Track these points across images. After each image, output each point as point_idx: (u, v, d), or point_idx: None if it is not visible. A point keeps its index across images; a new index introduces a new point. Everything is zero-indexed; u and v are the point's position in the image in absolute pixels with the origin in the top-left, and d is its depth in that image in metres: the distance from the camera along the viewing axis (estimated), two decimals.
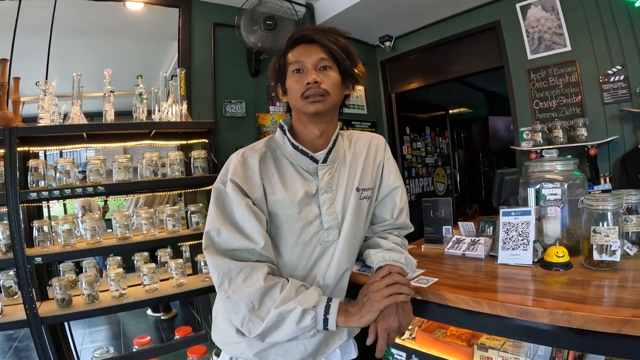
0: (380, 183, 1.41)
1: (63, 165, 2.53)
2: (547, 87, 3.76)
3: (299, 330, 1.08)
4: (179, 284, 2.75)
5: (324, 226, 1.25)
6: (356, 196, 1.31)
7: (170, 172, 2.83)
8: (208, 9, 3.78)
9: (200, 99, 3.63)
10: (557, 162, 1.66)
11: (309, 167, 1.27)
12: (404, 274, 1.24)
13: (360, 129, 4.90)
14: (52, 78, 2.66)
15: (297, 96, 1.21)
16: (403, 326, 1.17)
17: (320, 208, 1.25)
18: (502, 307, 1.11)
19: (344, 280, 1.31)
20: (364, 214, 1.35)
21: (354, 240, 1.32)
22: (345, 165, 1.34)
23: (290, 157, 1.28)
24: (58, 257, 2.56)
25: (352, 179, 1.32)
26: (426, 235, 1.92)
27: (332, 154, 1.29)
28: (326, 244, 1.26)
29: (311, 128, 1.27)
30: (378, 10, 4.14)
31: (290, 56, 1.24)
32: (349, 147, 1.38)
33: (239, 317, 1.11)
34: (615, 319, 0.94)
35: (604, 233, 1.33)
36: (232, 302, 1.11)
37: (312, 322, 1.09)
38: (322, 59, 1.21)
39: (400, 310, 1.16)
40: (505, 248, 1.51)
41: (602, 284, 1.24)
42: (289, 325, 1.08)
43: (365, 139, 1.43)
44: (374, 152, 1.40)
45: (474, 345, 1.44)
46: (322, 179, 1.27)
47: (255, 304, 1.09)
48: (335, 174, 1.31)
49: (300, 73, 1.22)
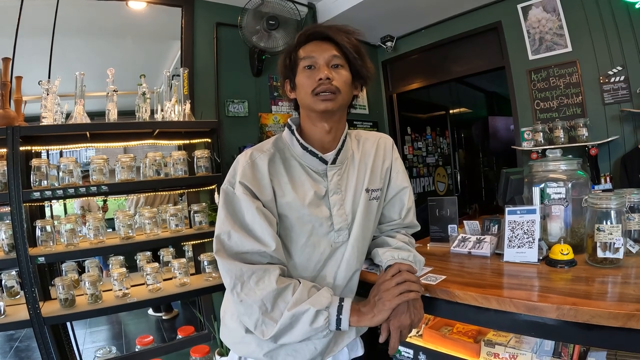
0: (388, 183, 1.41)
1: (66, 165, 2.53)
2: (548, 87, 3.78)
3: (312, 331, 1.09)
4: (182, 284, 2.76)
5: (335, 227, 1.24)
6: (366, 197, 1.30)
7: (173, 171, 2.84)
8: (211, 9, 3.79)
9: (203, 98, 3.64)
10: (561, 161, 1.67)
11: (318, 168, 1.26)
12: (413, 271, 1.24)
13: (362, 128, 4.91)
14: (55, 77, 2.67)
15: (307, 92, 1.20)
16: (415, 323, 1.17)
17: (331, 210, 1.24)
18: (511, 303, 1.12)
19: (354, 280, 1.31)
20: (373, 214, 1.34)
21: (364, 241, 1.32)
22: (354, 166, 1.33)
23: (299, 157, 1.26)
24: (61, 256, 2.56)
25: (361, 179, 1.32)
26: (432, 234, 1.93)
27: (341, 155, 1.29)
28: (336, 244, 1.25)
29: (320, 126, 1.25)
30: (380, 11, 4.15)
31: (302, 52, 1.23)
32: (357, 148, 1.37)
33: (252, 320, 1.11)
34: (620, 314, 0.96)
35: (608, 231, 1.34)
36: (245, 305, 1.10)
37: (325, 322, 1.09)
38: (335, 57, 1.20)
39: (411, 307, 1.16)
40: (511, 246, 1.52)
41: (606, 280, 1.25)
42: (303, 326, 1.08)
43: (373, 139, 1.42)
44: (382, 153, 1.40)
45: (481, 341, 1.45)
46: (331, 180, 1.26)
47: (268, 306, 1.09)
48: (344, 175, 1.30)
49: (312, 69, 1.20)
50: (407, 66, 5.21)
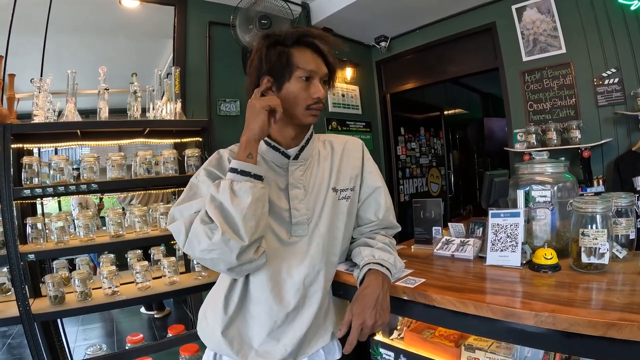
0: (361, 183, 1.43)
1: (57, 163, 2.53)
2: (541, 89, 3.78)
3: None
4: (171, 282, 2.76)
5: (292, 220, 1.28)
6: (333, 196, 1.34)
7: (164, 170, 2.83)
8: (203, 8, 3.79)
9: (195, 97, 3.65)
10: (548, 164, 1.66)
11: (281, 162, 1.31)
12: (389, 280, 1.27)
13: (355, 128, 4.94)
14: (47, 75, 2.67)
15: (300, 104, 1.23)
16: (377, 326, 1.17)
17: (290, 202, 1.28)
18: (488, 308, 1.12)
19: (319, 280, 1.30)
20: (343, 214, 1.37)
21: (332, 240, 1.34)
22: (318, 164, 1.37)
23: (263, 153, 1.30)
24: (51, 254, 2.57)
25: (326, 177, 1.36)
26: (416, 235, 1.93)
27: (304, 152, 1.33)
28: (294, 238, 1.28)
29: (289, 131, 1.30)
30: (374, 11, 4.15)
31: (300, 60, 1.22)
32: (324, 148, 1.42)
33: (204, 241, 1.09)
34: (599, 322, 0.94)
35: (593, 236, 1.33)
36: (194, 236, 1.11)
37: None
38: (326, 74, 1.28)
39: (379, 308, 1.17)
40: (493, 249, 1.51)
41: (590, 286, 1.23)
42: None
43: (341, 140, 1.46)
44: (351, 154, 1.43)
45: (462, 346, 1.45)
46: (292, 175, 1.30)
47: (205, 218, 1.11)
48: (308, 172, 1.34)
49: (308, 82, 1.23)
50: (401, 66, 5.22)
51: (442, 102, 6.71)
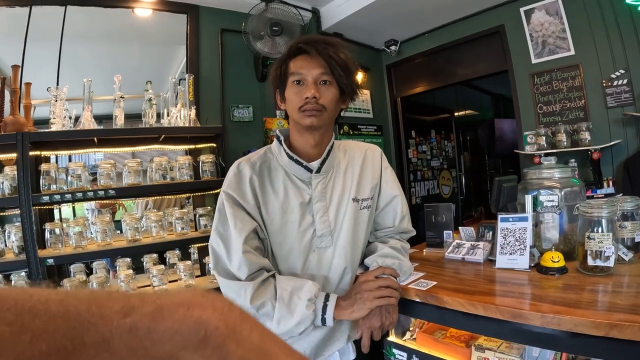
0: (379, 192, 1.45)
1: (74, 169, 2.59)
2: (550, 91, 3.78)
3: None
4: (187, 286, 2.80)
5: (317, 233, 1.30)
6: (354, 207, 1.35)
7: (179, 175, 2.89)
8: (215, 15, 3.84)
9: (208, 104, 3.69)
10: (555, 169, 1.69)
11: (303, 176, 1.32)
12: (396, 276, 1.31)
13: (366, 132, 4.96)
14: (63, 82, 2.74)
15: (294, 108, 1.25)
16: (385, 326, 1.23)
17: (314, 216, 1.30)
18: (496, 309, 1.16)
19: (345, 281, 1.36)
20: (365, 222, 1.39)
21: (354, 247, 1.37)
22: (339, 175, 1.38)
23: (286, 166, 1.32)
24: (69, 258, 2.62)
25: (347, 188, 1.37)
26: (428, 239, 1.97)
27: (326, 164, 1.34)
28: (320, 250, 1.31)
29: (307, 137, 1.30)
30: (383, 15, 4.17)
31: (292, 66, 1.26)
32: (344, 158, 1.42)
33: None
34: (602, 323, 0.98)
35: (598, 239, 1.36)
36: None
37: (312, 313, 1.15)
38: (323, 74, 1.24)
39: (384, 310, 1.23)
40: (502, 253, 1.55)
41: (596, 288, 1.26)
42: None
43: (361, 150, 1.46)
44: (370, 163, 1.44)
45: (472, 346, 1.48)
46: (315, 188, 1.31)
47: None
48: (329, 183, 1.35)
49: (300, 85, 1.24)
50: (411, 70, 5.23)
51: (452, 104, 6.70)
